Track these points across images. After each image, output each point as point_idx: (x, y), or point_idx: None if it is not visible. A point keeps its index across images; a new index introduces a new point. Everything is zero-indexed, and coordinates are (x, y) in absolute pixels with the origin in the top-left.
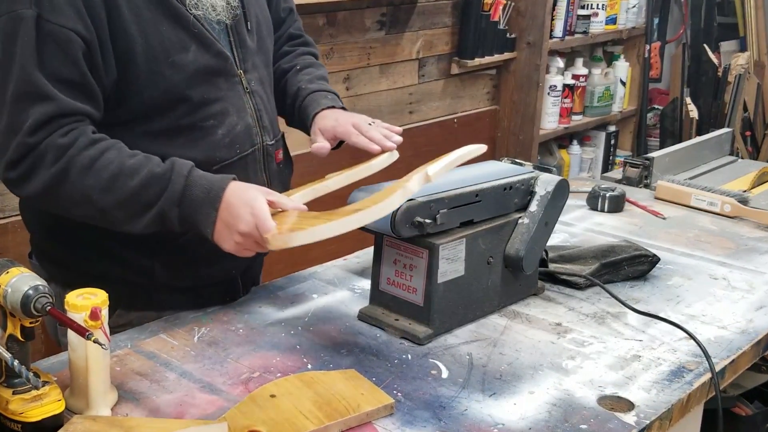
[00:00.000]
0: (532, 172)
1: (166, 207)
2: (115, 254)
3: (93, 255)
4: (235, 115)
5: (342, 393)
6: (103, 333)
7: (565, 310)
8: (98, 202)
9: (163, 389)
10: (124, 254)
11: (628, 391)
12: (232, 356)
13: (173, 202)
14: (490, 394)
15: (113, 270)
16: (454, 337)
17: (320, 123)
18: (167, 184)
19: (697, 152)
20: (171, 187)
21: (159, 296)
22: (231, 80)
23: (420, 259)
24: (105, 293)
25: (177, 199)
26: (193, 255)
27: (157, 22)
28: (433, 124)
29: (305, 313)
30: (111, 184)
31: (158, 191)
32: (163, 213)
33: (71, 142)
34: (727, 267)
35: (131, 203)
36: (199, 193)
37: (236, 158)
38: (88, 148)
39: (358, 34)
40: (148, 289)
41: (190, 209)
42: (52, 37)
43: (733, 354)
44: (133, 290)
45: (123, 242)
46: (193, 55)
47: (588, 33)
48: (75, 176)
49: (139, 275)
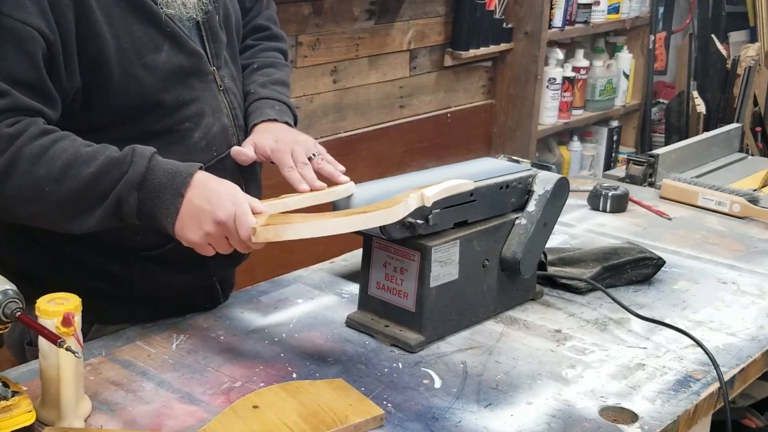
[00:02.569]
0: (529, 170)
1: (124, 192)
2: (90, 265)
3: (65, 266)
4: (211, 116)
5: (329, 404)
6: (75, 340)
7: (565, 316)
8: (51, 195)
9: (140, 400)
10: (100, 264)
11: (631, 402)
12: (213, 365)
13: (132, 186)
14: (485, 404)
15: (88, 282)
16: (447, 345)
17: (257, 137)
18: (127, 168)
19: (704, 149)
20: (132, 170)
21: (138, 308)
22: (205, 79)
23: (411, 262)
24: (78, 298)
25: (137, 183)
26: (174, 263)
27: (129, 21)
28: (426, 119)
29: (290, 320)
30: (65, 173)
31: (117, 176)
32: (120, 200)
33: (19, 132)
34: (737, 270)
35: (87, 192)
36: (162, 178)
37: (213, 161)
38: (38, 138)
39: (346, 24)
40: (127, 301)
41: (152, 194)
42: (11, 34)
43: (743, 362)
44: (111, 303)
45: (99, 252)
46: (166, 55)
47: (589, 23)
48: (24, 167)
49: (117, 287)
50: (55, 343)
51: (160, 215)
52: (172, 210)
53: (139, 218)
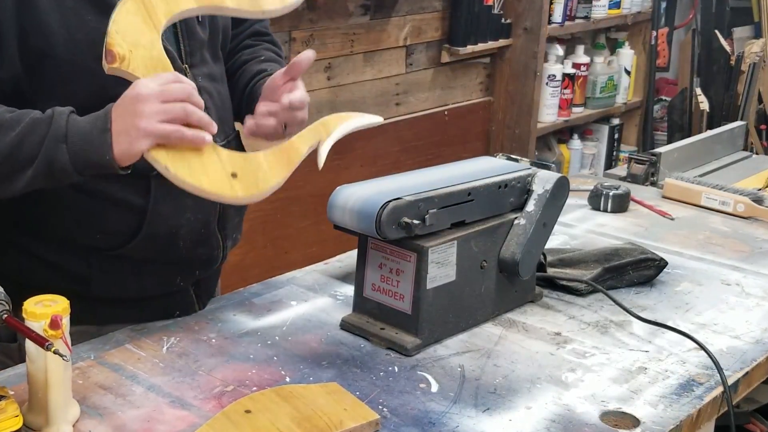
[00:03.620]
0: (529, 169)
1: (51, 149)
2: (45, 259)
3: (19, 259)
4: None
5: (323, 408)
6: (64, 343)
7: (564, 319)
8: None
9: (129, 404)
10: (55, 259)
11: (633, 407)
12: (204, 368)
13: (58, 140)
14: (483, 409)
15: (45, 277)
16: (444, 348)
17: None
18: (49, 126)
19: (707, 147)
20: (53, 126)
21: (98, 309)
22: None
23: (407, 263)
24: (66, 300)
25: (62, 135)
26: (136, 264)
27: (82, 11)
28: (422, 117)
29: (283, 322)
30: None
31: (41, 134)
32: (50, 158)
33: None
34: (741, 272)
35: (15, 155)
36: (84, 125)
37: None
38: None
39: (341, 20)
40: (86, 300)
41: (79, 142)
42: None
43: (747, 366)
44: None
45: (55, 246)
46: None
47: (590, 18)
48: None
49: (75, 284)
50: (42, 347)
51: (95, 158)
52: (104, 147)
53: (77, 170)
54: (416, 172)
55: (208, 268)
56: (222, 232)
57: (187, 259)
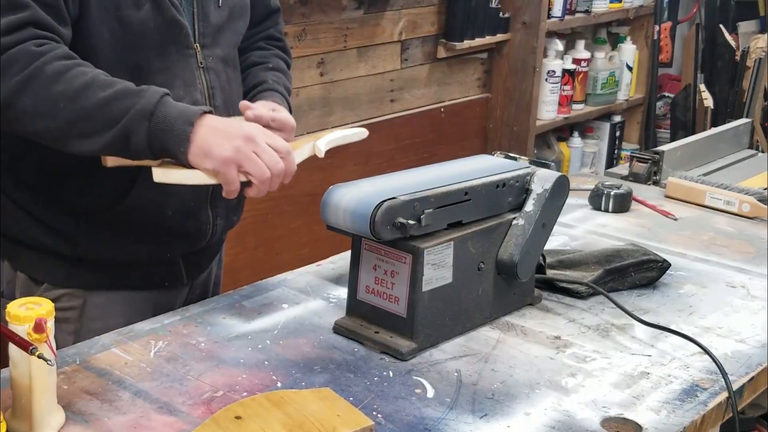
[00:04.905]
0: (527, 168)
1: (134, 123)
2: (35, 216)
3: (12, 214)
4: (182, 89)
5: (315, 414)
6: (48, 347)
7: (564, 322)
8: (63, 112)
9: (116, 410)
10: (45, 216)
11: (635, 412)
12: (193, 373)
13: (143, 116)
14: (480, 415)
15: (34, 234)
16: (440, 352)
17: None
18: (139, 99)
19: (712, 145)
20: (143, 102)
21: (85, 273)
22: (184, 52)
23: (402, 265)
24: (50, 303)
25: (148, 113)
26: (124, 229)
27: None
28: (418, 114)
29: (274, 325)
30: (80, 93)
31: (128, 105)
32: (129, 131)
33: (46, 51)
34: (746, 274)
35: (97, 115)
36: (172, 110)
37: None
38: (62, 59)
39: (334, 14)
40: (73, 262)
41: (162, 124)
42: None
43: (753, 371)
44: (56, 261)
45: (46, 203)
46: (145, 15)
47: (590, 12)
48: (44, 82)
49: (63, 243)
50: (26, 351)
51: (171, 145)
52: (183, 138)
53: (152, 150)
54: (412, 171)
55: (196, 242)
56: (213, 209)
57: (174, 230)
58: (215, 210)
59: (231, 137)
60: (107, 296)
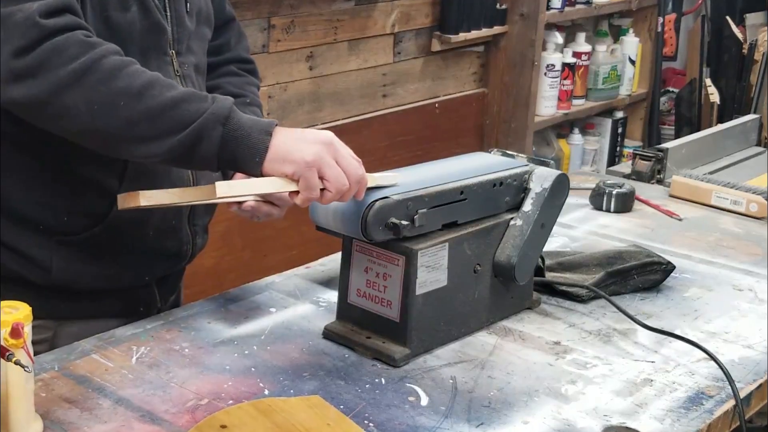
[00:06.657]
0: (525, 166)
1: (208, 125)
2: (6, 243)
3: None
4: None
5: (304, 423)
6: (25, 353)
7: (564, 327)
8: (124, 110)
9: (96, 419)
10: (17, 243)
11: (638, 421)
12: (177, 380)
13: (219, 120)
14: (477, 424)
15: (4, 261)
16: (435, 358)
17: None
18: (212, 103)
19: (718, 142)
20: (217, 105)
21: (57, 302)
22: (162, 59)
23: (395, 267)
24: (28, 307)
25: (224, 117)
26: (100, 252)
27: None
28: (411, 110)
29: (261, 330)
30: (145, 90)
31: (201, 108)
32: (201, 134)
33: (97, 43)
34: (754, 276)
35: (165, 115)
36: (246, 119)
37: None
38: (118, 54)
39: (323, 5)
40: (44, 291)
41: (238, 131)
42: None
43: (760, 378)
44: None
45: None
46: (132, 17)
47: (591, 3)
48: (101, 77)
49: (34, 270)
50: (2, 357)
51: (245, 155)
52: (260, 148)
53: (219, 159)
54: (405, 169)
55: (175, 264)
56: (192, 227)
57: (154, 251)
58: (194, 228)
59: (310, 141)
60: (79, 326)
